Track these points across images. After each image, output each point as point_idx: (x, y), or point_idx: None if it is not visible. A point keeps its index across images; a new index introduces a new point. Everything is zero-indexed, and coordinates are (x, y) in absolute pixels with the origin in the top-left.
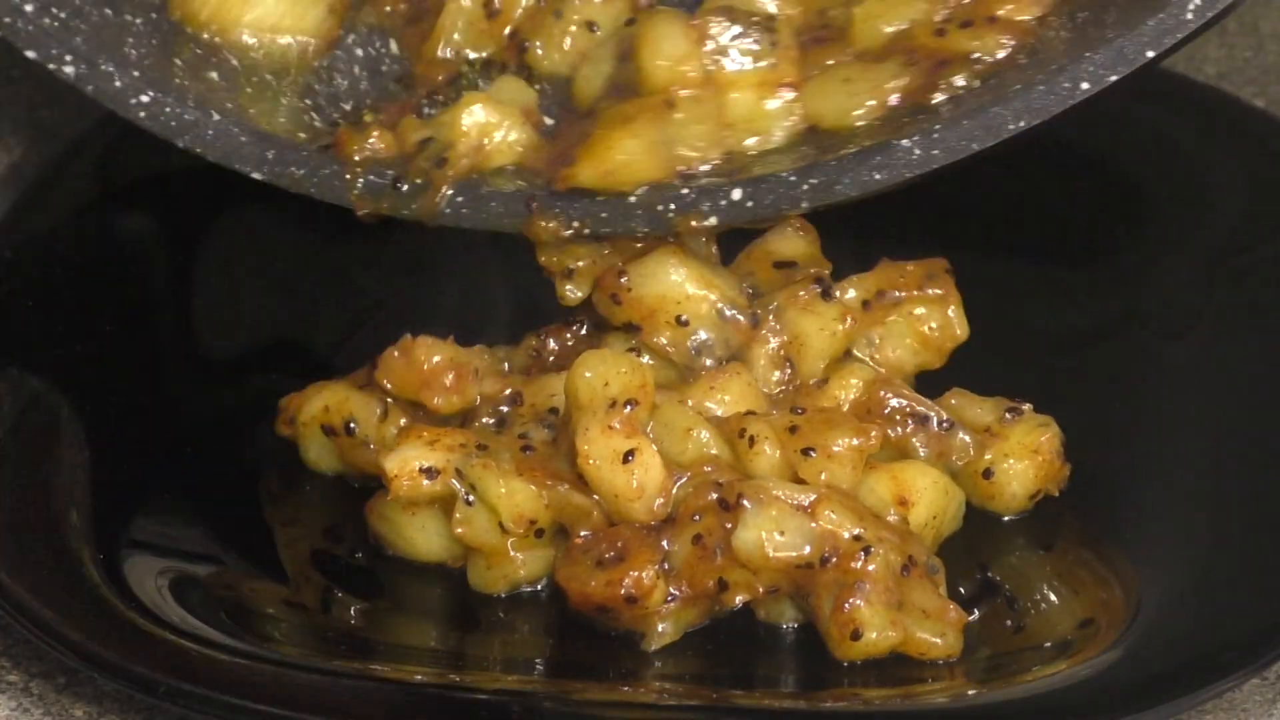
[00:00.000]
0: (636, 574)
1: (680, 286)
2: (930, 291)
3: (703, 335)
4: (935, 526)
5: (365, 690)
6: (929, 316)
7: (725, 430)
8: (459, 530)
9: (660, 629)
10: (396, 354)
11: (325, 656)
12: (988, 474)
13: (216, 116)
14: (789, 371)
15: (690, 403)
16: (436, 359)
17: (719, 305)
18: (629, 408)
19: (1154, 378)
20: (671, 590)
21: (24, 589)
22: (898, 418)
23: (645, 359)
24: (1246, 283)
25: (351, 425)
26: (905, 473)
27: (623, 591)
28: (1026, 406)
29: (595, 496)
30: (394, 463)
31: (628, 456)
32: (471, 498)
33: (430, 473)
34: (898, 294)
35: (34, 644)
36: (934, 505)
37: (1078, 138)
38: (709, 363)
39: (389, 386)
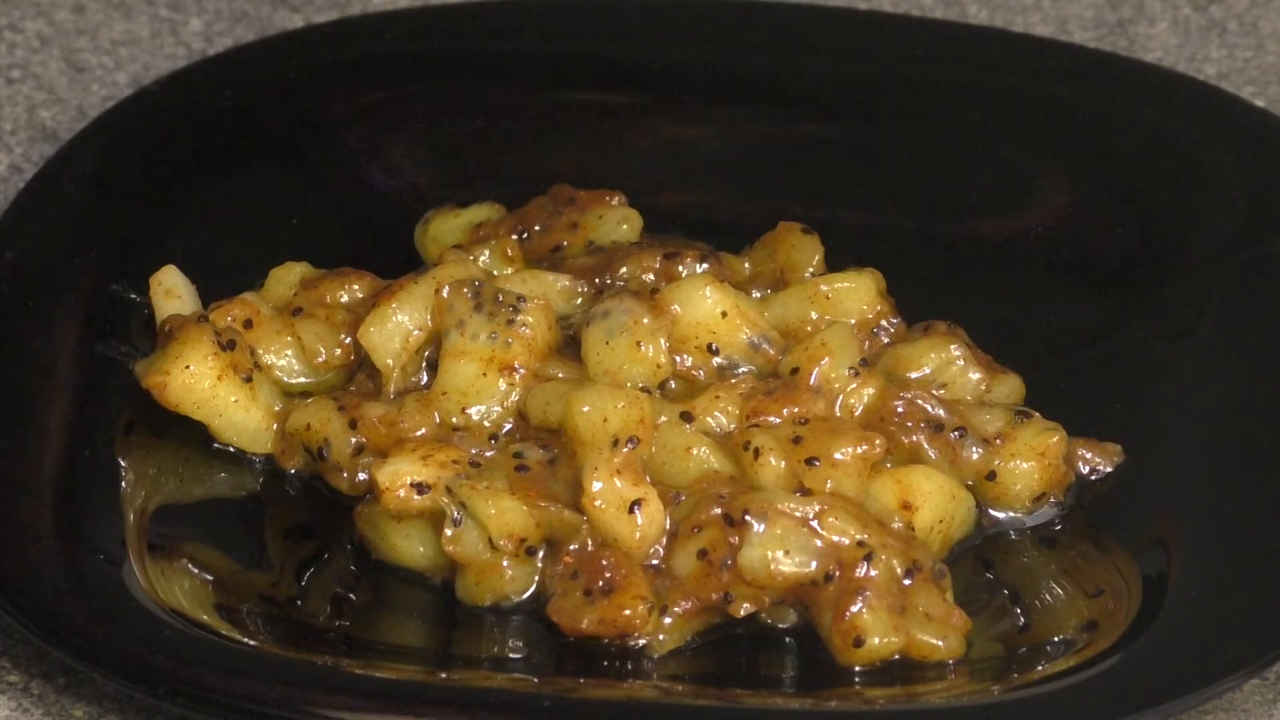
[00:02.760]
0: (628, 612)
1: (714, 314)
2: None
3: (730, 359)
4: (942, 531)
5: (366, 689)
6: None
7: (728, 444)
8: (449, 547)
9: (662, 638)
10: None
11: (324, 656)
12: (991, 475)
13: None
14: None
15: (697, 407)
16: None
17: (752, 337)
18: (630, 445)
19: (1154, 378)
20: (675, 606)
21: (24, 589)
22: (909, 424)
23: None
24: (1246, 283)
25: (324, 450)
26: (910, 477)
27: (614, 630)
28: (1035, 414)
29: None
30: (386, 475)
31: (634, 506)
32: (460, 515)
33: (421, 488)
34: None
35: (34, 644)
36: (940, 509)
37: (1078, 138)
38: (739, 372)
39: None
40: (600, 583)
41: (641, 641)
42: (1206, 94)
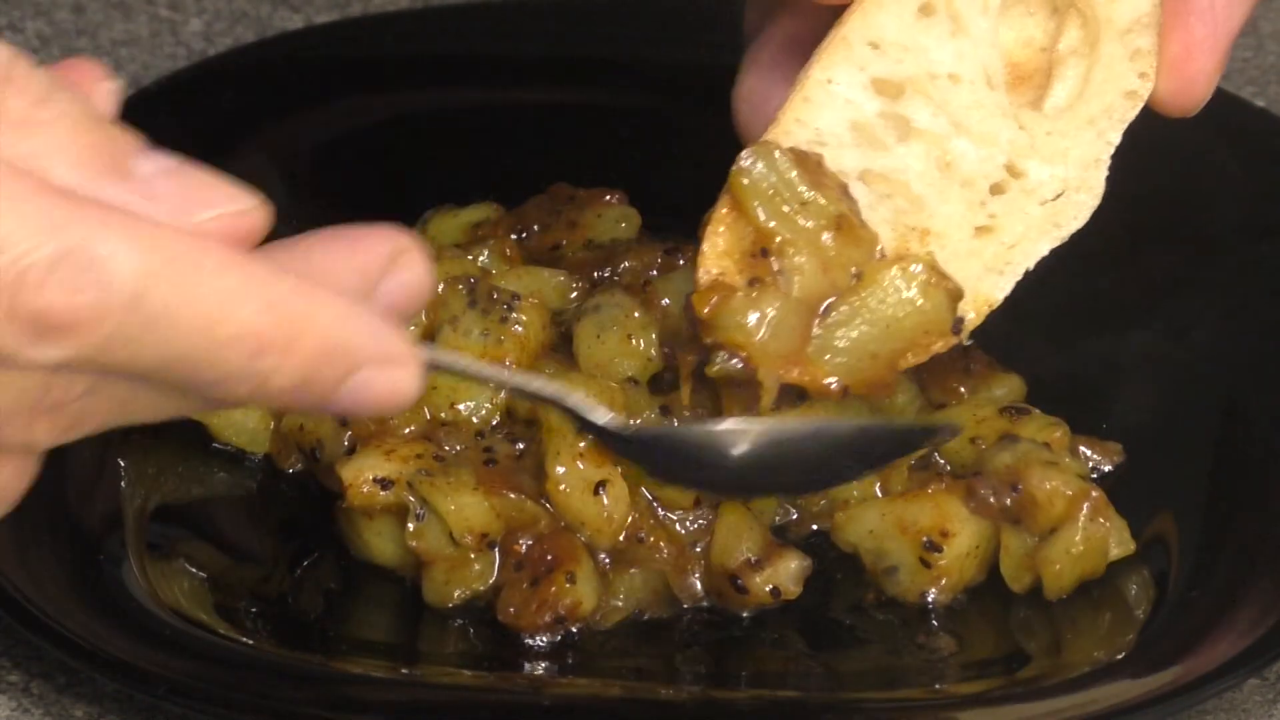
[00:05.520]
0: (566, 598)
1: None
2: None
3: None
4: (978, 556)
5: (365, 689)
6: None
7: None
8: (412, 542)
9: (617, 603)
10: None
11: (324, 657)
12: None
13: None
14: None
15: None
16: None
17: None
18: None
19: (1154, 378)
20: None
21: (25, 590)
22: None
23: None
24: (1246, 282)
25: (316, 451)
26: (949, 504)
27: (554, 608)
28: (1035, 410)
29: (548, 507)
30: (349, 471)
31: (599, 488)
32: (423, 511)
33: (384, 484)
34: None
35: (34, 644)
36: (976, 535)
37: None
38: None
39: None
40: (543, 568)
41: (596, 618)
42: None
